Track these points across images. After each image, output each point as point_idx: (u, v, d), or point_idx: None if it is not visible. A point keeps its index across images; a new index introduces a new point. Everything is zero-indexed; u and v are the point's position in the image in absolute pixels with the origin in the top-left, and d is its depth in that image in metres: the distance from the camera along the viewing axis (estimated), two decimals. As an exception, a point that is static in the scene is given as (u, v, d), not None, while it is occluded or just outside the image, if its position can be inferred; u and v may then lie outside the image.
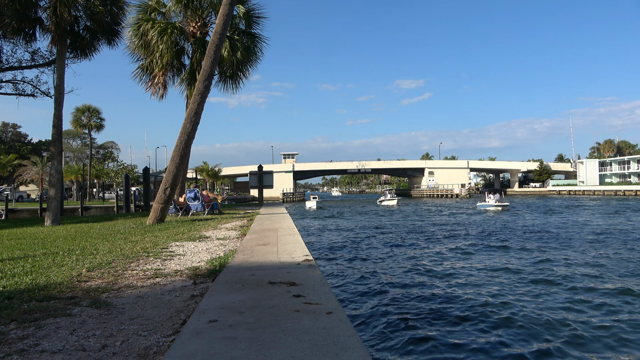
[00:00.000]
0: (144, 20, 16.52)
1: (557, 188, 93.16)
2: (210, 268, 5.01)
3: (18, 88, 20.97)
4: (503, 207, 44.93)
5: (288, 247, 6.26)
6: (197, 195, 15.14)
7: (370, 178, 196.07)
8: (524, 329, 8.25)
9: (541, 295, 10.79)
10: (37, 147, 70.54)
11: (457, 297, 10.55)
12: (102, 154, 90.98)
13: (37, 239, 8.85)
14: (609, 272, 13.09)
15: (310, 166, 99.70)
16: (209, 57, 11.97)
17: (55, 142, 15.14)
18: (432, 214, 42.19)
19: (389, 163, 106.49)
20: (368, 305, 10.11)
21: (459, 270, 14.01)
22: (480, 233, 24.46)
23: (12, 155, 48.19)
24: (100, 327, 3.02)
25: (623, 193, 78.13)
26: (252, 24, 18.07)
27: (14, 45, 18.70)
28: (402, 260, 15.97)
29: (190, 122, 12.05)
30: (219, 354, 2.32)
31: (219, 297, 3.54)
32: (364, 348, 2.36)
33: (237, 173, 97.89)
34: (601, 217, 34.30)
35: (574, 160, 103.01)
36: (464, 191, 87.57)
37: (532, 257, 15.97)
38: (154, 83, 17.61)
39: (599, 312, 9.31)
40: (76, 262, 5.55)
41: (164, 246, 7.02)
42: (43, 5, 14.78)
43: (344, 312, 3.01)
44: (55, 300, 3.76)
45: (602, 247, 18.31)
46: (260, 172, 28.19)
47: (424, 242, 21.35)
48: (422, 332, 8.18)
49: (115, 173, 63.25)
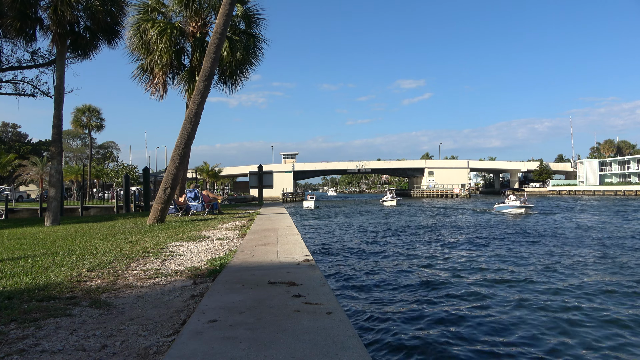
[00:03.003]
0: (143, 20, 16.52)
1: (557, 188, 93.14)
2: (210, 268, 5.01)
3: (18, 88, 20.98)
4: (526, 210, 37.99)
5: (288, 247, 6.26)
6: (197, 195, 15.14)
7: (370, 178, 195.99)
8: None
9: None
10: (37, 147, 70.54)
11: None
12: (102, 154, 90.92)
13: (37, 239, 8.85)
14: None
15: (310, 166, 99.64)
16: (208, 57, 11.97)
17: (55, 142, 15.13)
18: (441, 216, 37.32)
19: (389, 163, 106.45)
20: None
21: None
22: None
23: (12, 154, 48.17)
24: (100, 327, 3.02)
25: (623, 193, 78.10)
26: (252, 24, 18.08)
27: (14, 45, 18.72)
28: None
29: (190, 122, 12.04)
30: (219, 354, 2.31)
31: (219, 297, 3.54)
32: (364, 348, 2.36)
33: (237, 173, 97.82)
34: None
35: (574, 160, 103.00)
36: (464, 191, 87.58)
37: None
38: (154, 83, 17.61)
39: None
40: (76, 262, 5.55)
41: (164, 246, 7.02)
42: (43, 5, 14.79)
43: (344, 312, 3.01)
44: (55, 300, 3.76)
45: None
46: (260, 172, 28.18)
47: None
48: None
49: (115, 173, 63.21)
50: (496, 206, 42.23)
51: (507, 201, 40.57)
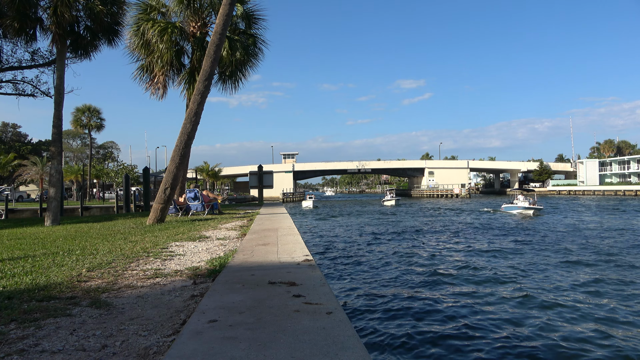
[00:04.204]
0: (144, 20, 16.52)
1: (557, 188, 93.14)
2: (210, 268, 5.01)
3: (18, 88, 20.96)
4: (535, 212, 36.56)
5: (288, 247, 6.26)
6: (197, 195, 15.14)
7: (370, 178, 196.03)
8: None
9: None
10: (37, 147, 70.54)
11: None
12: (102, 154, 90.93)
13: (37, 239, 8.85)
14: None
15: (310, 166, 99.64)
16: (208, 57, 11.97)
17: (55, 142, 15.13)
18: (447, 217, 36.11)
19: (389, 163, 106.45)
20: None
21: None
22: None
23: (12, 154, 48.17)
24: (100, 327, 3.02)
25: (623, 193, 78.10)
26: (252, 24, 18.09)
27: (14, 45, 18.70)
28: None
29: (190, 122, 12.04)
30: (219, 354, 2.31)
31: (219, 297, 3.54)
32: (364, 348, 2.36)
33: (237, 173, 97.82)
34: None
35: (574, 160, 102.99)
36: (464, 191, 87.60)
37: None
38: (154, 83, 17.61)
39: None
40: (76, 262, 5.54)
41: (164, 246, 7.02)
42: (43, 5, 14.79)
43: (344, 312, 3.01)
44: (55, 300, 3.76)
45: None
46: (260, 172, 28.18)
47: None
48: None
49: (115, 173, 63.25)
50: (504, 207, 40.95)
51: (516, 202, 39.08)
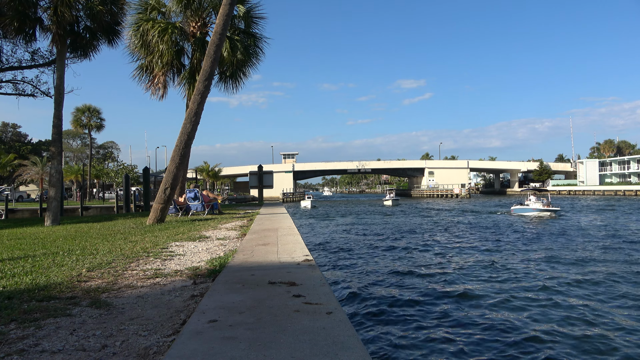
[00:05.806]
0: (144, 20, 16.51)
1: (557, 188, 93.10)
2: (210, 268, 5.01)
3: (18, 88, 20.94)
4: (551, 214, 33.29)
5: (288, 247, 6.26)
6: (197, 195, 15.13)
7: (370, 178, 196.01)
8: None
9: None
10: (37, 147, 70.54)
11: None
12: (102, 154, 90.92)
13: (37, 239, 8.85)
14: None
15: (310, 166, 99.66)
16: (209, 57, 11.97)
17: (55, 142, 15.13)
18: (455, 221, 32.91)
19: (389, 163, 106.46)
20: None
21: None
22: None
23: (12, 154, 48.15)
24: (100, 327, 3.02)
25: (623, 193, 78.13)
26: (252, 24, 18.07)
27: (14, 45, 18.66)
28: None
29: (190, 122, 12.04)
30: (219, 354, 2.31)
31: (219, 297, 3.54)
32: (364, 348, 2.36)
33: (237, 173, 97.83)
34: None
35: (574, 160, 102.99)
36: (464, 191, 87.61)
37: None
38: (154, 83, 17.61)
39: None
40: (76, 262, 5.54)
41: (164, 246, 7.02)
42: (43, 5, 14.78)
43: (344, 312, 3.01)
44: (55, 300, 3.76)
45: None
46: (260, 172, 28.17)
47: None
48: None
49: (115, 173, 63.24)
50: (514, 208, 37.49)
51: (528, 203, 35.87)
